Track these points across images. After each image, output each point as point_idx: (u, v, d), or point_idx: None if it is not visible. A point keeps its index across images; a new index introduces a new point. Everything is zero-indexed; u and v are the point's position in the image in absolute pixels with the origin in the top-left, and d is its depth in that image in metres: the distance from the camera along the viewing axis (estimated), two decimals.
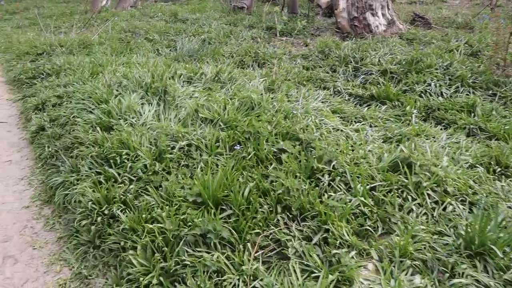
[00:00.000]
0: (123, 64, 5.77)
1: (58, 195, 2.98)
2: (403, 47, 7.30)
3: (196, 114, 3.56)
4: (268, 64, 6.57)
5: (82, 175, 2.99)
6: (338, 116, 4.33)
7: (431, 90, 5.39)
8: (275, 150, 3.03)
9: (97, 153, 3.10)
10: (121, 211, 2.52)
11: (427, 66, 5.94)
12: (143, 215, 2.39)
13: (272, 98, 4.01)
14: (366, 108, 4.86)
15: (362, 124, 4.22)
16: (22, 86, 5.78)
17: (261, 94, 3.85)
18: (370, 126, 4.18)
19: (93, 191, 2.73)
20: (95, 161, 3.05)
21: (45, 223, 2.86)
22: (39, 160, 3.75)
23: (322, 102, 4.76)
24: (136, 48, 7.56)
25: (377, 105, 5.09)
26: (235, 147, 2.99)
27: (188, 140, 3.13)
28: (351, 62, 6.53)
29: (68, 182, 3.03)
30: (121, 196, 2.62)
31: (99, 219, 2.51)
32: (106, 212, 2.55)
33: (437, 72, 5.76)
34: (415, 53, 6.36)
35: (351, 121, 4.32)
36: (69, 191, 2.95)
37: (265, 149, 3.02)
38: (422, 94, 5.33)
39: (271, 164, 2.94)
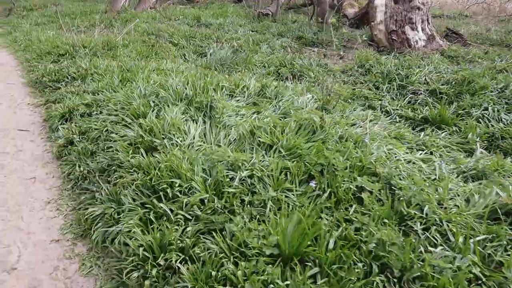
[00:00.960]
0: (153, 70, 5.32)
1: (96, 231, 2.51)
2: (447, 65, 6.84)
3: (252, 137, 3.10)
4: (306, 77, 6.11)
5: (125, 208, 2.52)
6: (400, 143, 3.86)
7: (488, 115, 4.92)
8: (354, 188, 2.56)
9: (142, 181, 2.63)
10: (180, 262, 2.05)
11: (480, 88, 5.47)
12: (211, 271, 1.92)
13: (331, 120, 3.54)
14: (422, 134, 4.37)
15: (425, 153, 3.75)
16: (45, 90, 5.29)
17: (322, 116, 3.38)
18: (432, 155, 3.72)
19: (142, 231, 2.27)
20: (141, 191, 2.59)
21: (81, 265, 2.38)
22: (68, 181, 3.27)
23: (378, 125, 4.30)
24: (162, 52, 7.13)
25: (433, 129, 4.61)
26: (310, 183, 2.52)
27: (248, 170, 2.67)
28: (395, 79, 6.06)
29: (107, 214, 2.56)
30: (178, 241, 2.15)
31: (154, 271, 2.04)
32: (161, 262, 2.07)
33: (491, 95, 5.30)
34: (465, 73, 5.89)
35: (413, 149, 3.85)
36: (109, 226, 2.48)
37: (342, 186, 2.55)
38: (480, 119, 4.87)
39: (350, 205, 2.47)
